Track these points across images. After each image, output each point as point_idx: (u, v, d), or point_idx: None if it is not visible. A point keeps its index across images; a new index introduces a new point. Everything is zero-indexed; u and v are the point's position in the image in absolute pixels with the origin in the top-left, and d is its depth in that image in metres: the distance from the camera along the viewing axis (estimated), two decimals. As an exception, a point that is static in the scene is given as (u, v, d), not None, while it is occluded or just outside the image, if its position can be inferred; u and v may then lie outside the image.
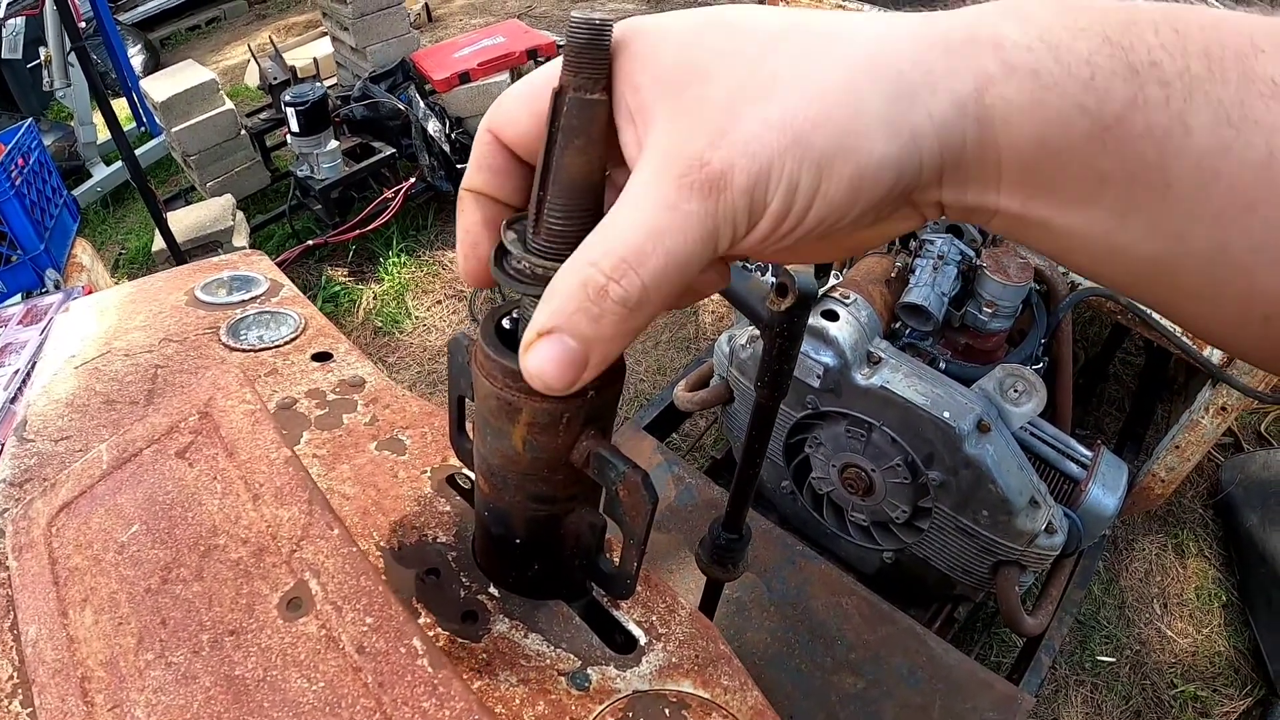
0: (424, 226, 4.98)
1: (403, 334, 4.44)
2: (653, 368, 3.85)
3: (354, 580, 0.66)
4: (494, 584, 0.80)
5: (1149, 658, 2.68)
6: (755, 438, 1.19)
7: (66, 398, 1.10)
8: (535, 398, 0.58)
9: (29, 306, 2.59)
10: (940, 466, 1.89)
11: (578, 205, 0.47)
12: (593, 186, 0.47)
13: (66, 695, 0.73)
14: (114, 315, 1.30)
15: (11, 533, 0.88)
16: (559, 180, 0.46)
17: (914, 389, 1.87)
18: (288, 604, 0.68)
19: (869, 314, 2.02)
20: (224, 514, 0.76)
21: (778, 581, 2.15)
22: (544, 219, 0.47)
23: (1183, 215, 0.32)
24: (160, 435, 0.86)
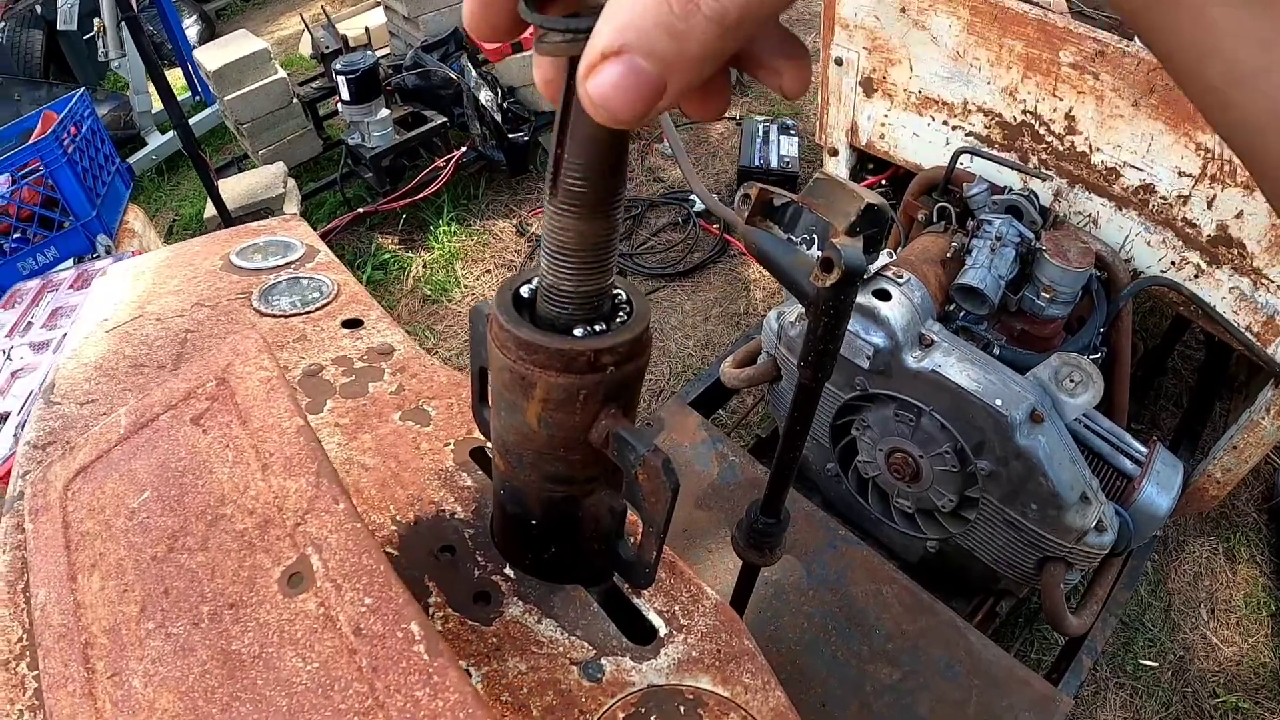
0: (475, 196, 4.97)
1: (451, 302, 4.44)
2: (701, 342, 3.80)
3: (356, 558, 0.63)
4: (510, 564, 0.77)
5: (1192, 664, 2.58)
6: (797, 419, 1.14)
7: (95, 361, 1.09)
8: (550, 372, 0.54)
9: (80, 271, 2.62)
10: (990, 456, 1.81)
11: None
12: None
13: (69, 661, 0.72)
14: (149, 279, 1.29)
15: (30, 495, 0.87)
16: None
17: (966, 374, 1.80)
18: (289, 579, 0.65)
19: (922, 295, 1.94)
20: (233, 483, 0.74)
21: (818, 565, 2.10)
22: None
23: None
24: (177, 401, 0.84)
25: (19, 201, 2.71)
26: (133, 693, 0.68)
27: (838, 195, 0.91)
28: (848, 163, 2.76)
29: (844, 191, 0.90)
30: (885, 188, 2.72)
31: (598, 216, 0.50)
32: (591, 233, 0.50)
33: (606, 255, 0.53)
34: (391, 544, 0.79)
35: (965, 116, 2.25)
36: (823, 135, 2.78)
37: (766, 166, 4.07)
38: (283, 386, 0.78)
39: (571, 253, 0.52)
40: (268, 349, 0.84)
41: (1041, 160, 2.17)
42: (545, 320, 0.56)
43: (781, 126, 4.22)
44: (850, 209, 0.88)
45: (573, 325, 0.55)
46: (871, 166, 2.79)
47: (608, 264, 0.53)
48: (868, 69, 2.42)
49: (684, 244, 4.17)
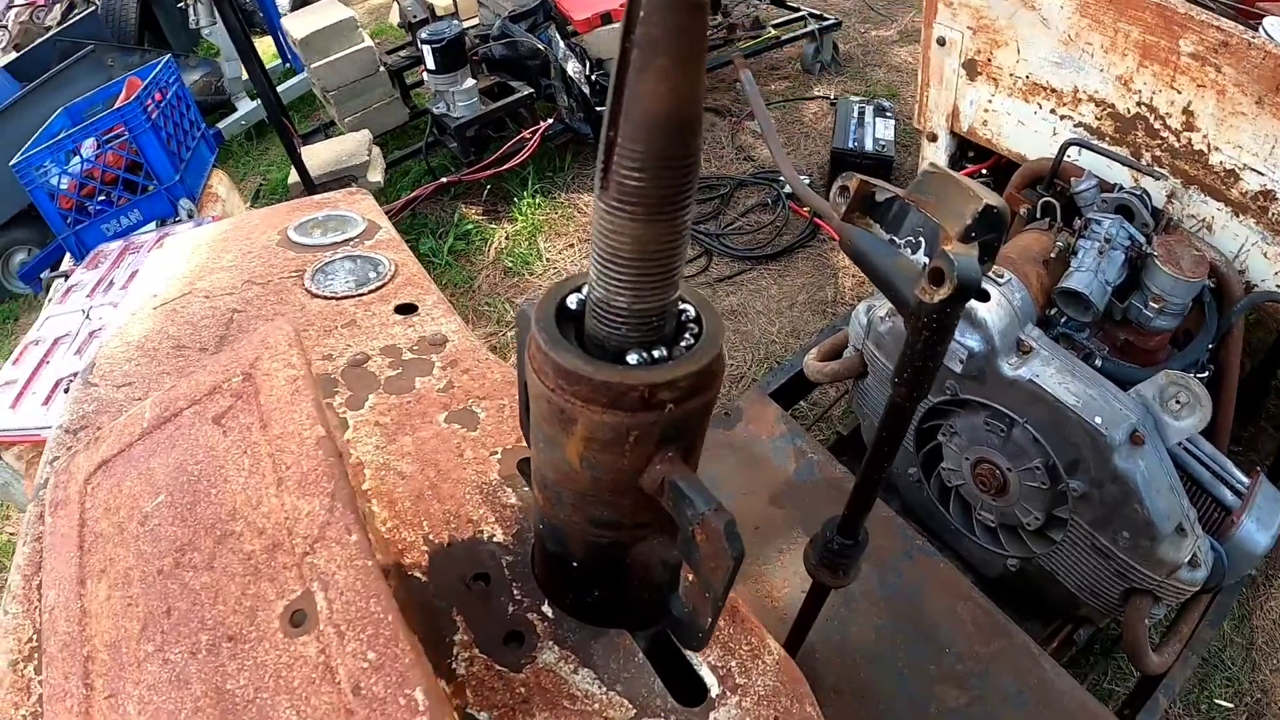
0: (560, 168, 4.92)
1: (532, 275, 4.41)
2: (785, 329, 3.67)
3: (363, 602, 0.55)
4: (549, 601, 0.68)
5: (1269, 709, 2.37)
6: (886, 439, 1.03)
7: (138, 340, 1.05)
8: (594, 407, 0.44)
9: (161, 235, 2.64)
10: (1084, 476, 1.66)
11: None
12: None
13: (70, 674, 0.67)
14: (204, 253, 1.24)
15: (52, 486, 0.82)
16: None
17: (1065, 387, 1.65)
18: (291, 616, 0.58)
19: (1023, 297, 1.78)
20: (246, 495, 0.67)
21: (891, 575, 1.98)
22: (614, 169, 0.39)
23: None
24: (202, 396, 0.78)
25: (104, 165, 2.74)
26: (127, 718, 0.62)
27: (950, 193, 0.78)
28: (947, 149, 2.59)
29: (958, 189, 0.77)
30: (986, 178, 2.53)
31: (659, 219, 0.40)
32: (651, 238, 0.41)
33: (670, 266, 0.43)
34: (420, 568, 0.72)
35: (1075, 106, 2.07)
36: (921, 119, 2.61)
37: (861, 149, 3.88)
38: (308, 388, 0.71)
39: (626, 262, 0.42)
40: (298, 343, 0.77)
41: (1155, 157, 1.98)
42: (594, 341, 0.46)
43: (878, 108, 4.02)
44: (965, 210, 0.75)
45: (626, 349, 0.45)
46: (972, 155, 2.61)
47: (671, 276, 0.43)
48: (972, 50, 2.25)
49: (773, 226, 4.02)
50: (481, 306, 4.38)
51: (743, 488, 2.17)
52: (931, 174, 0.83)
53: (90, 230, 2.80)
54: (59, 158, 2.78)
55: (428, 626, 0.66)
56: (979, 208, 0.74)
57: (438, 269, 4.59)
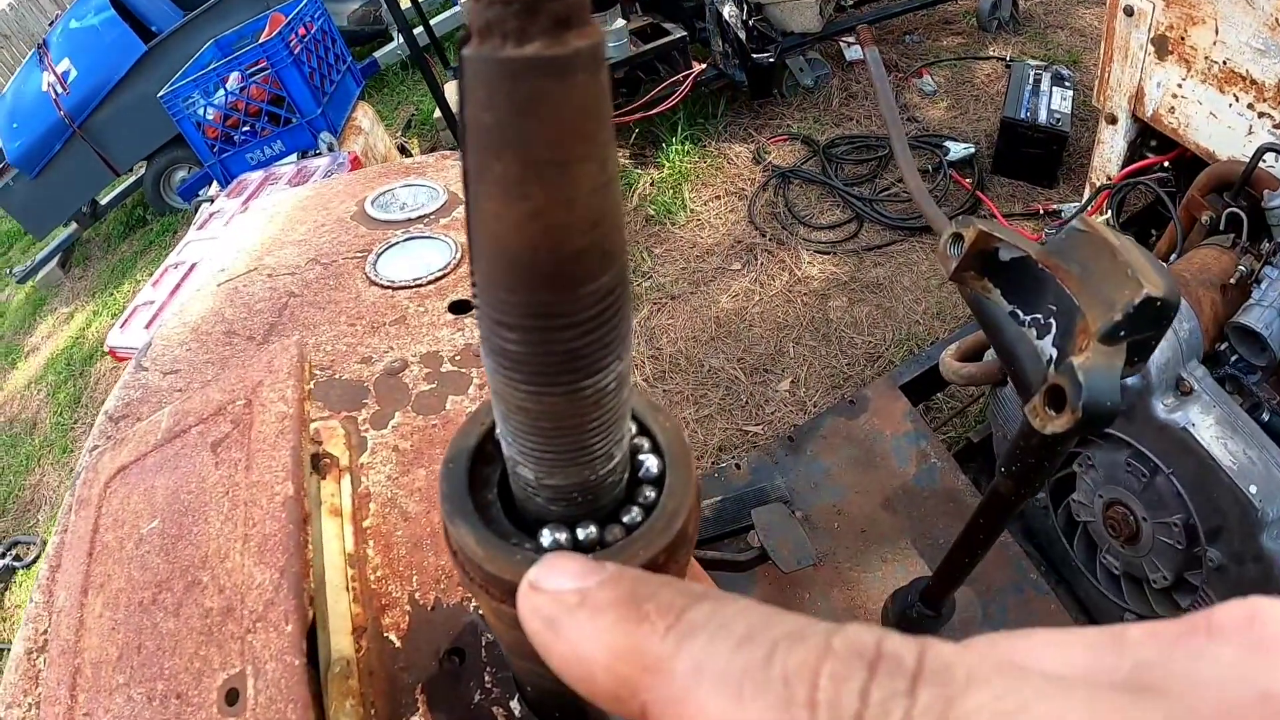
0: (712, 115, 4.79)
1: (675, 225, 4.34)
2: (931, 309, 3.46)
3: (281, 704, 0.51)
4: (520, 697, 0.63)
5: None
6: (982, 526, 0.91)
7: (195, 321, 1.05)
8: (487, 596, 0.36)
9: (299, 167, 2.72)
10: (1224, 547, 1.46)
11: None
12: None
13: (60, 681, 0.69)
14: (280, 224, 1.24)
15: (80, 482, 0.83)
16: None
17: (1223, 443, 1.44)
18: (227, 693, 0.56)
19: (1192, 328, 1.55)
20: (217, 545, 0.64)
21: (996, 608, 1.84)
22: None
23: None
24: (209, 415, 0.76)
25: (248, 98, 2.84)
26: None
27: (1102, 266, 0.61)
28: (1126, 135, 2.31)
29: (1113, 264, 0.60)
30: (1166, 172, 2.24)
31: (550, 391, 0.28)
32: (545, 412, 0.29)
33: (586, 443, 0.31)
34: (398, 630, 0.68)
35: (1278, 103, 1.77)
36: (1101, 96, 2.33)
37: (1033, 121, 3.54)
38: (294, 432, 0.68)
39: (521, 432, 0.31)
40: (299, 372, 0.73)
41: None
42: (516, 498, 0.36)
43: (1056, 76, 3.65)
44: (1118, 297, 0.58)
45: (544, 520, 0.35)
46: (1154, 144, 2.31)
47: (590, 453, 0.32)
48: (1163, 24, 1.96)
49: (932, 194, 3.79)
50: (620, 254, 4.34)
51: (855, 485, 2.08)
52: (1080, 234, 0.65)
53: (235, 159, 2.93)
54: (206, 89, 2.90)
55: (387, 702, 0.62)
56: (1137, 298, 0.57)
57: (579, 212, 4.57)
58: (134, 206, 7.06)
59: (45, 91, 5.59)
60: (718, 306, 3.79)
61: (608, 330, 0.27)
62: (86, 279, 6.74)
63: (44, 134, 5.75)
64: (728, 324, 3.69)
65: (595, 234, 0.24)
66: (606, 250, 0.25)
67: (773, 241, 3.99)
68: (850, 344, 3.41)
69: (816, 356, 3.40)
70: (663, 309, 3.89)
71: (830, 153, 4.32)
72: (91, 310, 6.14)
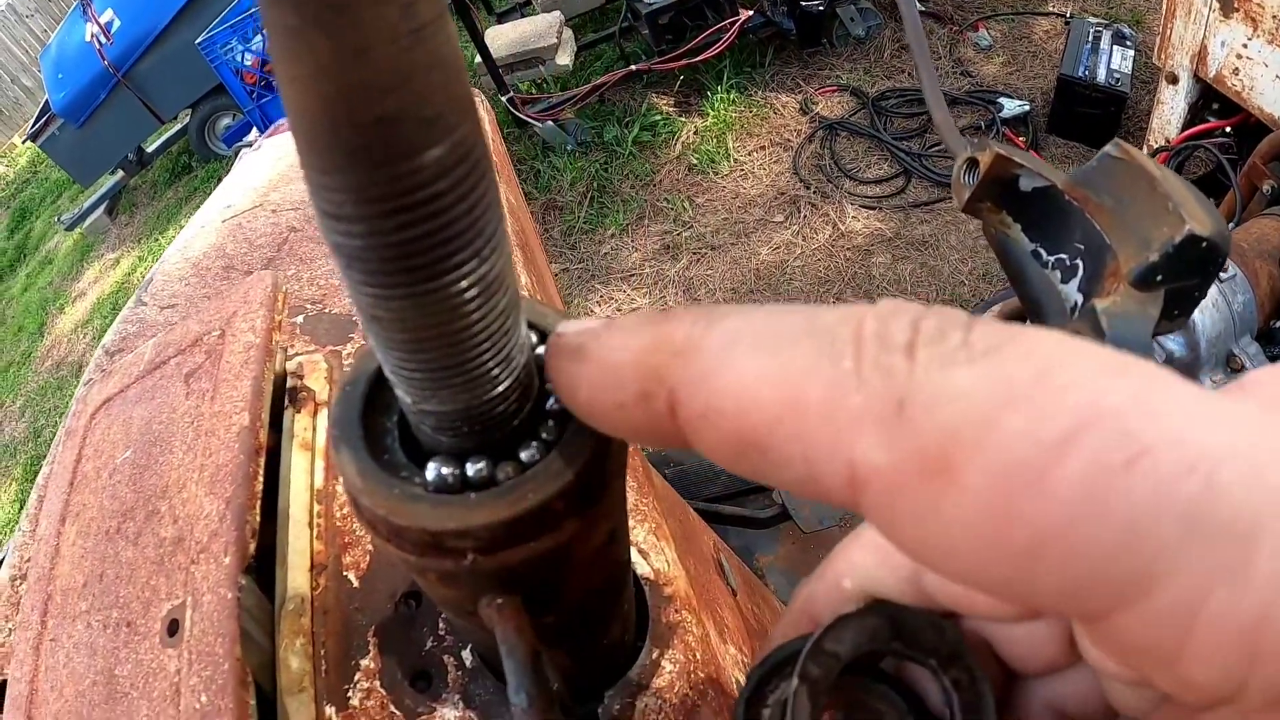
0: (759, 65, 4.69)
1: (718, 175, 4.29)
2: (978, 270, 3.38)
3: (211, 638, 0.50)
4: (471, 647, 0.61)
5: None
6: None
7: (197, 257, 1.04)
8: (374, 533, 0.33)
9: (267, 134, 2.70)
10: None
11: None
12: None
13: (34, 606, 0.70)
14: (289, 161, 1.22)
15: (70, 413, 0.84)
16: None
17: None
18: (169, 624, 0.55)
19: (1246, 300, 1.47)
20: (177, 475, 0.63)
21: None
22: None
23: None
24: (187, 346, 0.75)
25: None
26: (56, 666, 0.64)
27: (1140, 199, 0.54)
28: (1188, 96, 2.20)
29: (1152, 195, 0.53)
30: (1228, 138, 2.13)
31: (402, 290, 0.24)
32: (406, 319, 0.25)
33: (463, 359, 0.27)
34: (358, 570, 0.66)
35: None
36: (1162, 55, 2.22)
37: (1091, 80, 3.40)
38: (259, 361, 0.66)
39: (384, 345, 0.27)
40: (272, 302, 0.71)
41: None
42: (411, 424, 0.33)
43: (1117, 34, 3.48)
44: (1156, 234, 0.52)
45: (434, 451, 0.31)
46: (1216, 107, 2.19)
47: (474, 372, 0.27)
48: (1231, -23, 1.86)
49: (981, 152, 3.68)
50: (660, 202, 4.32)
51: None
52: (1115, 161, 0.56)
53: (274, 104, 2.93)
54: (244, 35, 2.89)
55: (339, 643, 0.61)
56: (1178, 236, 0.50)
57: (620, 159, 4.52)
58: (180, 153, 7.16)
59: (89, 42, 5.66)
60: (758, 259, 3.73)
61: (450, 218, 0.23)
62: (133, 225, 6.87)
63: (88, 84, 5.85)
64: (768, 276, 3.64)
65: (407, 94, 0.20)
66: (428, 117, 0.21)
67: (817, 194, 3.91)
68: (893, 303, 3.34)
69: (856, 314, 3.34)
70: (702, 259, 3.85)
71: (880, 105, 4.20)
72: (137, 256, 6.26)
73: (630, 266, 3.97)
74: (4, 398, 5.82)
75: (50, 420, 5.22)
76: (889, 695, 0.31)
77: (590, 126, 4.57)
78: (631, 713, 0.56)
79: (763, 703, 0.33)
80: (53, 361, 5.82)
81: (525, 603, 0.34)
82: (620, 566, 0.42)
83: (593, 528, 0.33)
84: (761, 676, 0.33)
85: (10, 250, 8.04)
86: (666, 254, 3.97)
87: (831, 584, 0.32)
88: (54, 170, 7.96)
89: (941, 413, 0.19)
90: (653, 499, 0.69)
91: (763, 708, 0.32)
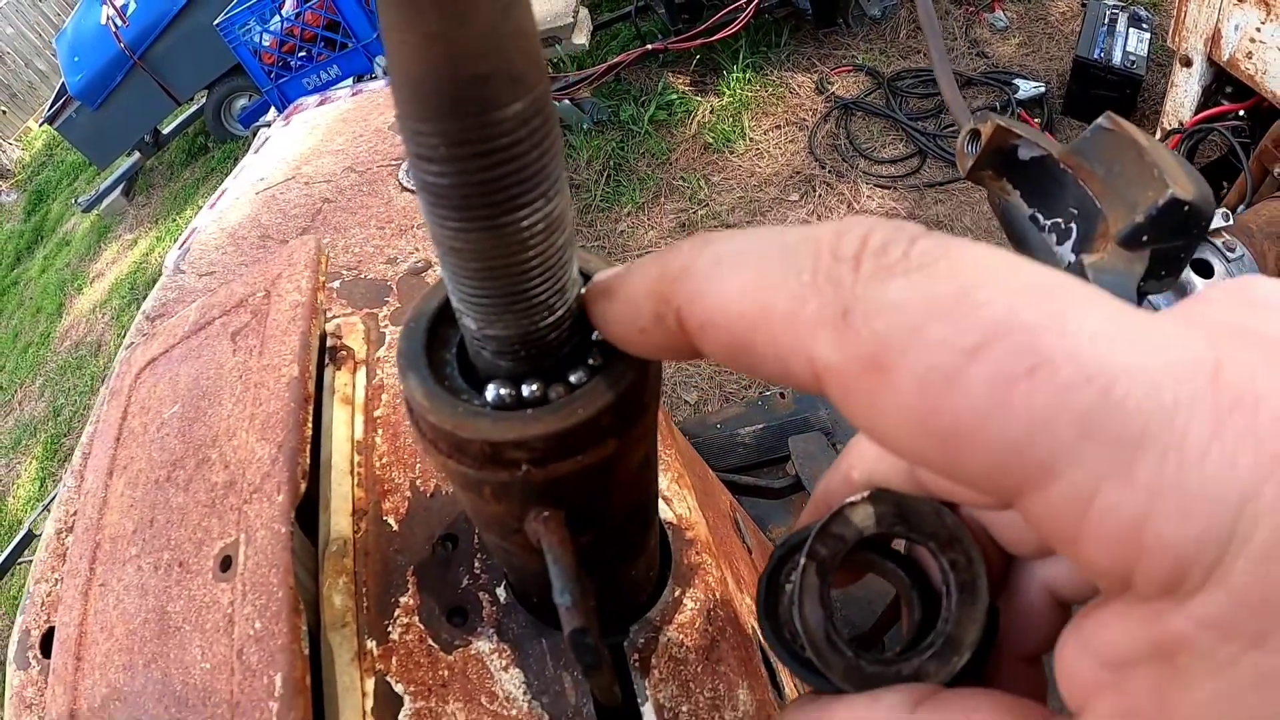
0: (775, 44, 4.69)
1: (733, 154, 4.30)
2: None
3: (265, 569, 0.53)
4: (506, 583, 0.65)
5: None
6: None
7: (232, 227, 1.08)
8: (434, 450, 0.36)
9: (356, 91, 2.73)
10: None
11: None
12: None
13: (82, 555, 0.72)
14: (320, 134, 1.25)
15: (114, 374, 0.87)
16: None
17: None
18: (222, 560, 0.58)
19: None
20: (227, 425, 0.67)
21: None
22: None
23: None
24: (232, 307, 0.78)
25: (303, 24, 2.85)
26: (106, 608, 0.67)
27: (1128, 166, 0.58)
28: (1201, 79, 2.20)
29: (1140, 163, 0.57)
30: (1241, 121, 2.13)
31: (479, 225, 0.28)
32: (478, 251, 0.29)
33: (524, 287, 0.31)
34: (397, 515, 0.70)
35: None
36: (1176, 37, 2.22)
37: (1107, 62, 3.39)
38: (306, 318, 0.69)
39: (458, 276, 0.31)
40: (315, 263, 0.75)
41: None
42: (471, 356, 0.36)
43: (1133, 17, 3.47)
44: (1142, 198, 0.55)
45: (492, 376, 0.35)
46: (1230, 90, 2.19)
47: (531, 300, 0.31)
48: (1245, -41, 1.86)
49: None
50: (676, 180, 4.33)
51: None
52: (1106, 132, 0.61)
53: (292, 84, 2.96)
54: (262, 15, 2.92)
55: (379, 582, 0.64)
56: (1162, 199, 0.54)
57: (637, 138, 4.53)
58: (196, 135, 7.21)
59: (104, 25, 5.70)
60: (774, 237, 3.75)
61: (525, 163, 0.27)
62: (150, 206, 6.92)
63: (104, 66, 5.90)
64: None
65: (499, 57, 0.24)
66: (513, 75, 0.25)
67: (832, 174, 3.92)
68: (904, 283, 3.36)
69: (870, 294, 3.36)
70: (718, 237, 3.88)
71: (895, 85, 4.20)
72: (154, 236, 6.31)
73: (646, 244, 4.00)
74: (24, 377, 5.91)
75: (70, 399, 5.29)
76: (894, 570, 0.35)
77: (607, 105, 4.58)
78: (655, 646, 0.59)
79: (784, 579, 0.37)
80: (71, 341, 5.89)
81: (568, 518, 0.38)
82: (650, 494, 0.46)
83: (631, 448, 0.37)
84: (780, 556, 0.37)
85: (28, 232, 8.12)
86: (682, 232, 4.00)
87: (843, 474, 0.36)
88: (70, 153, 8.02)
89: (877, 320, 0.22)
90: (675, 451, 0.73)
91: (785, 583, 0.37)
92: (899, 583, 0.35)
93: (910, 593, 0.34)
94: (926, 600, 0.34)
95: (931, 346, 0.22)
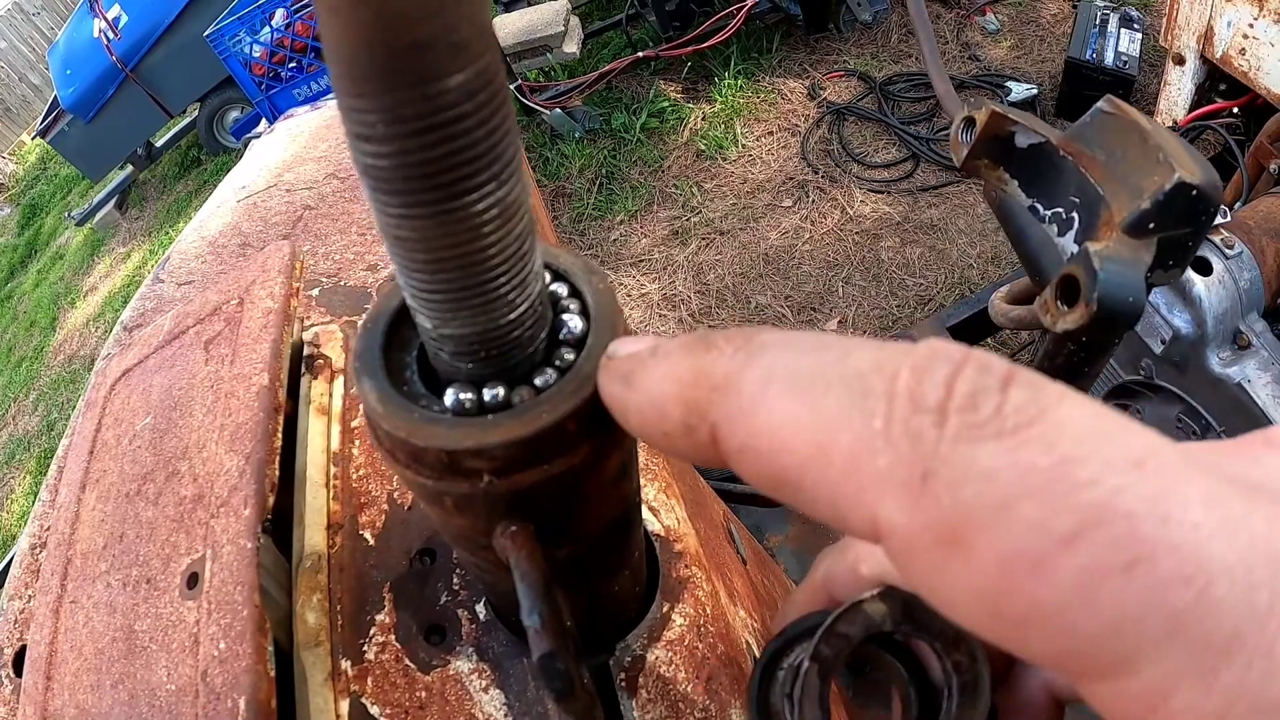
0: (766, 51, 4.69)
1: (726, 161, 4.29)
2: (986, 254, 3.37)
3: (230, 587, 0.51)
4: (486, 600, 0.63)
5: None
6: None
7: (213, 236, 1.05)
8: (392, 462, 0.34)
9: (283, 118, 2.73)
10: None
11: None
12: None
13: (54, 571, 0.71)
14: (303, 141, 1.23)
15: (90, 385, 0.85)
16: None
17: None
18: (189, 577, 0.56)
19: (1253, 277, 1.48)
20: (197, 436, 0.64)
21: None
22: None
23: None
24: (206, 315, 0.76)
25: (294, 34, 2.84)
26: (76, 626, 0.65)
27: (1131, 151, 0.55)
28: (1194, 77, 2.19)
29: (1143, 147, 0.54)
30: (1235, 118, 2.12)
31: (425, 211, 0.25)
32: (427, 239, 0.27)
33: (481, 282, 0.28)
34: (373, 529, 0.67)
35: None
36: (1168, 35, 2.21)
37: (1099, 63, 3.39)
38: (277, 326, 0.67)
39: (407, 269, 0.28)
40: (290, 269, 0.73)
41: None
42: (430, 359, 0.34)
43: (1124, 17, 3.47)
44: (1148, 183, 0.52)
45: (451, 380, 0.32)
46: (1223, 88, 2.18)
47: (490, 295, 0.29)
48: (1236, -44, 1.85)
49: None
50: (669, 188, 4.32)
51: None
52: (1106, 116, 0.58)
53: (283, 95, 2.95)
54: (252, 27, 2.91)
55: (354, 599, 0.62)
56: (1168, 184, 0.51)
57: (629, 145, 4.53)
58: (188, 147, 7.19)
59: (96, 38, 5.69)
60: (767, 243, 3.74)
61: (472, 141, 0.24)
62: (143, 219, 6.90)
63: (97, 79, 5.88)
64: (776, 261, 3.64)
65: (438, 22, 0.22)
66: (455, 43, 0.22)
67: (825, 179, 3.91)
68: (901, 285, 3.34)
69: (866, 297, 3.34)
70: (711, 244, 3.86)
71: (887, 90, 4.19)
72: (148, 249, 6.29)
73: (639, 252, 3.98)
74: (18, 392, 5.88)
75: (63, 414, 5.26)
76: (895, 665, 0.34)
77: (598, 113, 4.57)
78: (643, 664, 0.57)
79: (777, 667, 0.36)
80: (65, 356, 5.87)
81: (539, 533, 0.35)
82: (631, 505, 0.43)
83: (604, 455, 0.34)
84: (777, 649, 0.36)
85: (21, 246, 8.10)
86: (675, 239, 3.98)
87: (850, 567, 0.34)
88: (64, 166, 8.00)
89: (962, 491, 0.20)
90: (663, 459, 0.70)
91: (777, 670, 0.35)
92: (898, 679, 0.34)
93: (909, 689, 0.33)
94: (925, 697, 0.33)
95: (1022, 528, 0.20)
